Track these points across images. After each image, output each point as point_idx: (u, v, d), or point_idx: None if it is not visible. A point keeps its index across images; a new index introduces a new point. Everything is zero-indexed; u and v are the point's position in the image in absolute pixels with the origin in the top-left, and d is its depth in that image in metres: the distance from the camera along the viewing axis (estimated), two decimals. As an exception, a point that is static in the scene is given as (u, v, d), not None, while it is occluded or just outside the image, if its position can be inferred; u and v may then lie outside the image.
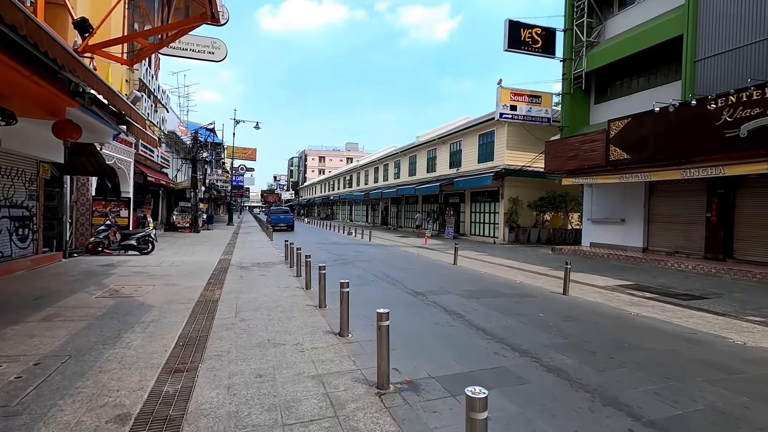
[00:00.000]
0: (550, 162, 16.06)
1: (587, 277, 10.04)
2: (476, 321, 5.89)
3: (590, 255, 14.67)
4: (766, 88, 9.07)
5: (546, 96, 19.62)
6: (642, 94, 14.03)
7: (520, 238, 20.24)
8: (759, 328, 5.98)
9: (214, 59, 16.19)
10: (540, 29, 16.83)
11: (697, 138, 10.52)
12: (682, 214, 13.13)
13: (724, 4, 10.90)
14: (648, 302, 7.57)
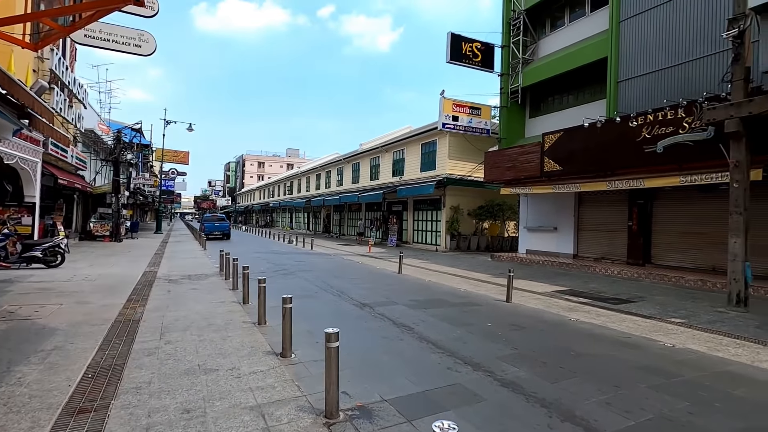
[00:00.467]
0: (490, 172, 16.61)
1: (526, 284, 10.35)
2: (426, 333, 5.71)
3: (527, 262, 15.29)
4: (678, 109, 9.98)
5: (485, 108, 20.39)
6: (572, 110, 14.99)
7: (461, 245, 20.72)
8: (682, 329, 6.41)
9: (141, 53, 14.82)
10: (480, 44, 17.47)
11: (621, 152, 11.34)
12: (608, 223, 14.13)
13: (642, 33, 11.95)
14: (584, 307, 7.90)
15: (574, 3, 15.51)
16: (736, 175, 7.90)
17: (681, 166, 10.19)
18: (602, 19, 13.54)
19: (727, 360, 4.94)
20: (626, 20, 12.37)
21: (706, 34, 10.27)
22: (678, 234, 12.20)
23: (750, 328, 6.43)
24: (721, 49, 9.63)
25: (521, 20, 16.32)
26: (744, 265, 7.72)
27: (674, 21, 11.12)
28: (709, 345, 5.57)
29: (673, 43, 11.10)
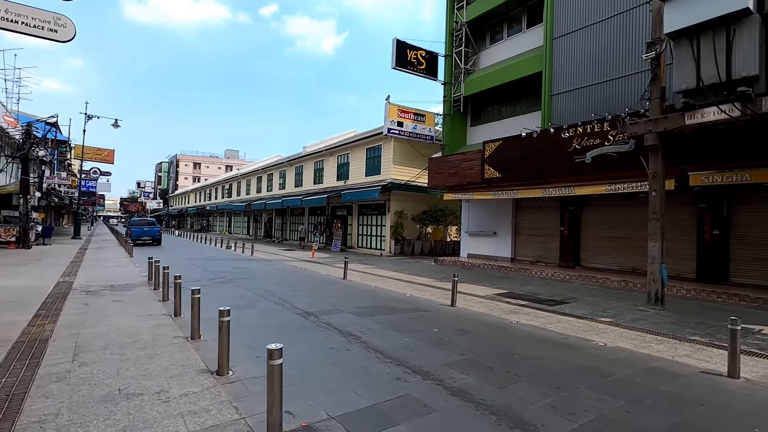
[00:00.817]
0: (433, 178, 16.93)
1: (469, 288, 10.60)
2: (373, 342, 5.56)
3: (468, 265, 15.73)
4: (604, 122, 10.78)
5: (429, 115, 20.81)
6: (511, 120, 15.72)
7: (405, 250, 20.90)
8: (611, 328, 6.84)
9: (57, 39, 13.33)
10: (425, 52, 17.81)
11: (555, 161, 12.03)
12: (542, 228, 14.93)
13: (573, 51, 12.80)
14: (523, 309, 8.20)
15: (511, 19, 16.32)
16: (654, 185, 8.64)
17: (606, 175, 10.99)
18: (537, 35, 14.36)
19: (653, 356, 5.32)
20: (558, 38, 13.20)
21: (629, 55, 11.21)
22: (603, 238, 13.17)
23: (667, 325, 7.02)
24: (642, 70, 10.55)
25: (463, 32, 16.88)
26: (661, 267, 8.45)
27: (601, 42, 12.04)
28: (635, 342, 5.97)
29: (601, 62, 12.01)
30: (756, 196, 9.91)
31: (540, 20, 14.24)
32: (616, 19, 11.61)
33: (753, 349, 5.61)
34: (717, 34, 7.34)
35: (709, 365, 5.00)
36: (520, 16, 15.88)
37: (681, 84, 7.87)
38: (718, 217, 10.41)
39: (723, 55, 7.28)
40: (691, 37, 7.66)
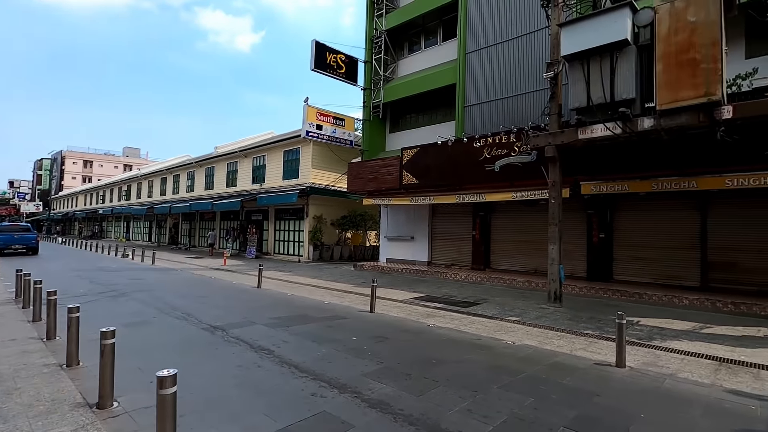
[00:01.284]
0: (353, 182, 16.86)
1: (388, 292, 10.64)
2: (288, 356, 5.22)
3: (387, 270, 15.88)
4: (510, 134, 11.60)
5: (349, 120, 20.75)
6: (428, 128, 16.25)
7: (324, 255, 20.51)
8: (518, 326, 7.28)
9: None
10: (344, 56, 17.73)
11: (468, 169, 12.65)
12: (456, 232, 15.62)
13: (484, 66, 13.64)
14: (440, 312, 8.40)
15: (428, 31, 16.95)
16: (553, 193, 9.45)
17: (513, 183, 11.82)
18: (452, 49, 15.06)
19: (555, 352, 5.72)
20: (471, 53, 13.99)
21: (533, 73, 12.22)
22: (510, 242, 14.14)
23: (565, 321, 7.66)
24: (544, 87, 11.55)
25: (382, 40, 17.13)
26: (559, 268, 9.25)
27: (509, 59, 12.98)
28: (539, 339, 6.40)
29: (509, 78, 12.94)
30: (632, 203, 11.36)
31: (454, 35, 14.96)
32: (522, 39, 12.61)
33: (633, 339, 6.32)
34: (603, 59, 8.27)
35: (601, 356, 5.50)
36: (436, 29, 16.55)
37: (574, 102, 8.72)
38: (603, 223, 11.74)
39: (608, 78, 8.21)
40: (583, 61, 8.53)
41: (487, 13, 13.60)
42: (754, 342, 6.32)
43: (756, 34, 9.14)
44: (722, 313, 8.46)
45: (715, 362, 5.39)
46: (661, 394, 4.27)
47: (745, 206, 9.58)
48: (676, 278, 10.60)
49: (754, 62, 8.91)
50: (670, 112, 7.48)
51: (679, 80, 7.33)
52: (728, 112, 7.01)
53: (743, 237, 9.69)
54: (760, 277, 9.44)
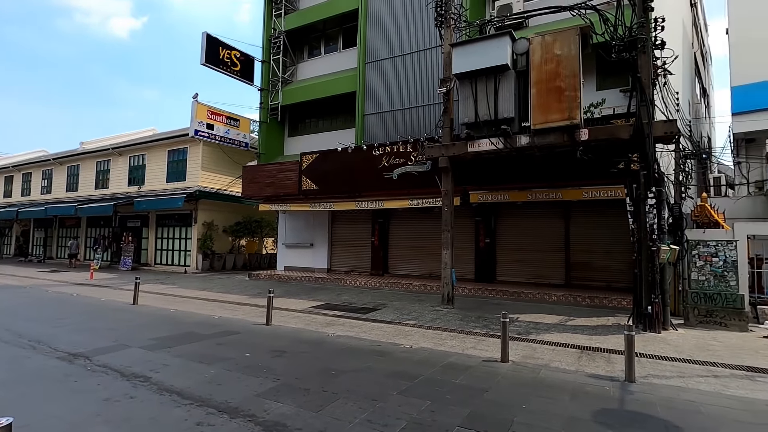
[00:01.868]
0: (248, 187, 15.96)
1: (286, 302, 10.22)
2: (169, 381, 4.63)
3: (285, 279, 15.30)
4: (408, 144, 12.09)
5: (245, 121, 19.63)
6: (329, 133, 16.11)
7: (215, 265, 19.00)
8: (415, 330, 7.54)
9: None
10: (240, 53, 16.76)
11: (367, 177, 12.84)
12: (356, 239, 15.72)
13: (383, 76, 14.03)
14: (339, 320, 8.31)
15: (329, 37, 16.90)
16: (446, 201, 10.07)
17: (410, 191, 12.31)
18: (352, 57, 15.20)
19: (449, 352, 6.02)
20: (371, 63, 14.29)
21: (428, 87, 12.88)
22: (407, 247, 14.70)
23: (457, 321, 8.16)
24: (438, 102, 12.27)
25: (281, 40, 16.60)
26: (451, 272, 9.86)
27: (407, 72, 13.54)
28: (434, 341, 6.69)
29: (406, 90, 13.49)
30: (512, 211, 12.65)
31: (355, 43, 15.14)
32: (419, 54, 13.26)
33: (514, 334, 6.97)
34: (488, 80, 9.09)
35: (489, 353, 5.95)
36: (337, 36, 16.58)
37: (464, 117, 9.43)
38: (489, 229, 12.87)
39: (492, 98, 9.04)
40: (471, 80, 9.28)
41: (386, 27, 14.05)
42: (606, 330, 7.44)
43: (604, 71, 10.91)
44: (582, 306, 9.84)
45: (578, 350, 6.20)
46: (539, 383, 4.75)
47: (597, 214, 11.32)
48: (546, 277, 12.06)
49: (603, 94, 10.63)
50: (541, 131, 8.51)
51: (548, 104, 8.38)
52: (585, 135, 8.21)
53: (595, 240, 11.43)
54: (608, 274, 11.22)
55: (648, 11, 7.85)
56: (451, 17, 10.13)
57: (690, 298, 8.09)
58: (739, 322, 7.61)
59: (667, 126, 7.81)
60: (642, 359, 5.63)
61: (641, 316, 7.44)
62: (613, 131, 8.19)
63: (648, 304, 7.34)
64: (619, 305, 9.47)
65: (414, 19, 13.35)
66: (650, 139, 7.52)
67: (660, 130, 7.72)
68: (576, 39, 8.21)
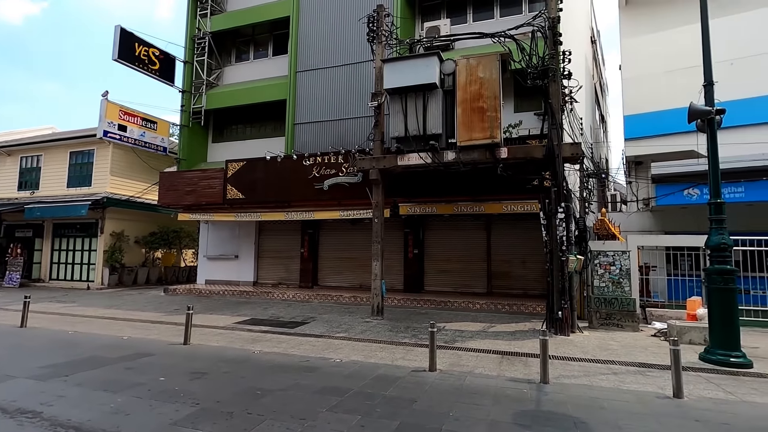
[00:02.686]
0: (165, 195, 14.82)
1: (207, 319, 9.57)
2: (65, 415, 4.08)
3: (206, 293, 14.35)
4: (339, 155, 12.08)
5: (163, 123, 18.26)
6: (257, 141, 15.54)
7: (124, 280, 17.26)
8: (345, 343, 7.47)
9: None
10: (159, 51, 15.63)
11: (297, 186, 12.59)
12: (284, 250, 15.27)
13: (314, 86, 13.91)
14: (266, 336, 7.97)
15: (258, 43, 16.43)
16: (376, 213, 10.19)
17: (341, 202, 12.28)
18: (283, 65, 14.88)
19: (378, 364, 6.04)
20: (302, 72, 14.12)
21: (360, 99, 12.98)
22: (337, 259, 14.59)
23: (386, 332, 8.23)
24: (369, 114, 12.43)
25: (207, 41, 15.79)
26: (381, 283, 9.96)
27: (339, 83, 13.55)
28: (365, 353, 6.68)
29: (338, 101, 13.49)
30: (439, 223, 13.16)
31: (286, 51, 14.87)
32: (351, 67, 13.36)
33: (441, 343, 7.19)
34: (417, 97, 9.43)
35: (417, 363, 6.07)
36: (266, 42, 16.17)
37: (395, 131, 9.67)
38: (417, 240, 13.23)
39: (421, 114, 9.39)
40: (402, 96, 9.56)
41: (319, 37, 14.00)
42: (523, 335, 7.98)
43: (521, 95, 11.88)
44: (502, 313, 10.46)
45: (499, 356, 6.57)
46: (464, 390, 4.94)
47: (515, 227, 12.19)
48: (470, 286, 12.67)
49: (520, 116, 11.55)
50: (466, 148, 9.00)
51: (472, 122, 8.91)
52: (505, 153, 8.83)
53: (514, 251, 12.28)
54: (524, 282, 12.09)
55: (557, 44, 8.72)
56: (382, 34, 10.40)
57: (593, 303, 8.99)
58: (632, 323, 8.61)
59: (574, 148, 8.69)
60: (554, 361, 6.11)
61: (553, 320, 8.10)
62: (528, 151, 8.92)
63: (559, 310, 8.02)
64: (534, 311, 10.23)
65: (346, 32, 13.47)
66: (560, 159, 8.30)
67: (568, 152, 8.56)
68: (497, 64, 8.86)
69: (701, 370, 5.84)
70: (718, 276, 6.20)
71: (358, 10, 12.68)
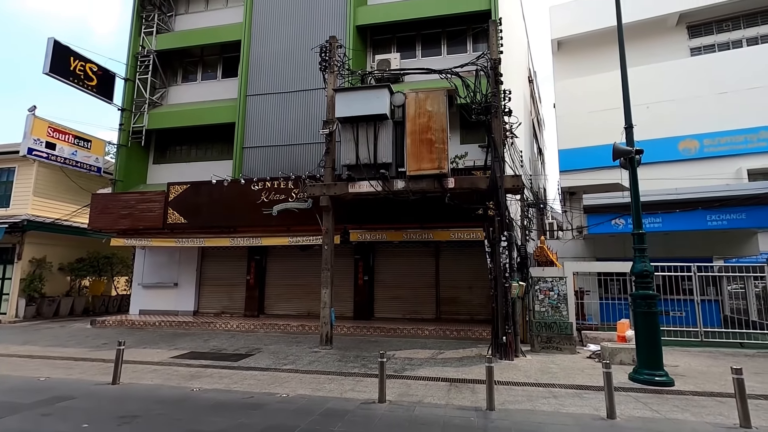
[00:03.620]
0: (98, 218, 13.77)
1: (140, 353, 8.85)
2: (-36, 475, 3.56)
3: (140, 325, 13.31)
4: (289, 181, 11.96)
5: (98, 142, 17.12)
6: (202, 164, 14.95)
7: (44, 311, 15.58)
8: (292, 375, 7.20)
9: None
10: (97, 67, 14.82)
11: (244, 212, 12.23)
12: (229, 277, 14.61)
13: (265, 110, 13.79)
14: (206, 371, 7.50)
15: (207, 64, 16.11)
16: (326, 239, 10.11)
17: (290, 228, 12.08)
18: (233, 88, 14.65)
19: (327, 397, 5.87)
20: (252, 96, 13.97)
21: (312, 126, 13.00)
22: (285, 286, 14.18)
23: (335, 363, 8.06)
24: (321, 141, 12.46)
25: (151, 60, 15.23)
26: (330, 311, 9.79)
27: (290, 109, 13.53)
28: (313, 386, 6.47)
29: (289, 126, 13.43)
30: (389, 250, 13.28)
31: (236, 74, 14.69)
32: (304, 93, 13.41)
33: (391, 372, 7.15)
34: (369, 126, 9.64)
35: (366, 395, 5.97)
36: (216, 64, 15.90)
37: (346, 159, 9.77)
38: (367, 267, 13.23)
39: (372, 143, 9.58)
40: (353, 125, 9.73)
41: (270, 62, 14.00)
42: (470, 361, 8.14)
43: (467, 127, 12.51)
44: (450, 339, 10.62)
45: (447, 383, 6.64)
46: (414, 421, 4.93)
47: (461, 254, 12.59)
48: (420, 313, 12.80)
49: (466, 147, 12.13)
50: (415, 177, 9.27)
51: (421, 153, 9.22)
52: (452, 183, 9.20)
53: (461, 277, 12.63)
54: (471, 308, 12.42)
55: (499, 84, 9.37)
56: (335, 64, 10.61)
57: (534, 327, 9.40)
58: (570, 346, 9.08)
59: (515, 180, 9.25)
60: (500, 386, 6.28)
61: (498, 346, 8.35)
62: (474, 181, 9.36)
63: (503, 335, 8.30)
64: (480, 336, 10.49)
65: (299, 59, 13.58)
66: (502, 190, 8.78)
67: (510, 183, 9.09)
68: (444, 99, 9.32)
69: (631, 390, 6.26)
70: (642, 300, 6.77)
71: (311, 38, 12.89)
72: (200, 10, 16.12)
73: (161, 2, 15.76)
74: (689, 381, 6.73)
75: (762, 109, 15.16)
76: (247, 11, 14.43)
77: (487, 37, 9.79)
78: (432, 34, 13.79)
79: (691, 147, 15.91)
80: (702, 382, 6.66)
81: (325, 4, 13.79)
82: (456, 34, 13.44)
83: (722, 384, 6.43)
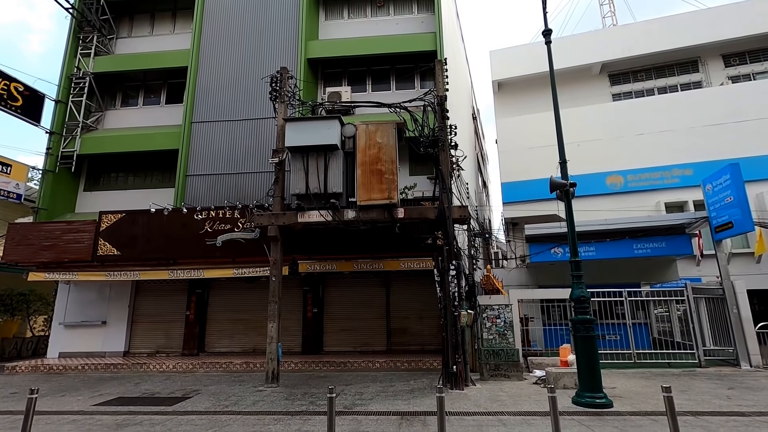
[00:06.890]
0: (14, 250, 12.42)
1: (58, 402, 7.86)
2: None
3: (59, 369, 11.88)
4: (235, 210, 11.57)
5: (20, 167, 15.61)
6: (140, 191, 14.10)
7: (-61, 358, 13.51)
8: (234, 418, 6.70)
9: None
10: (24, 87, 13.76)
11: (186, 243, 11.59)
12: (166, 313, 13.58)
13: (211, 138, 13.42)
14: (135, 418, 6.79)
15: (150, 89, 15.51)
16: (274, 271, 9.77)
17: (235, 259, 11.57)
18: (177, 114, 14.15)
19: (271, 440, 5.50)
20: (198, 123, 13.57)
21: (260, 155, 12.79)
22: (228, 321, 13.40)
23: (282, 401, 7.62)
24: (270, 170, 12.25)
25: (88, 82, 14.43)
26: (277, 346, 9.34)
27: (238, 137, 13.26)
28: (256, 428, 6.05)
29: (236, 155, 13.11)
30: (339, 281, 13.07)
31: (181, 100, 14.26)
32: (252, 122, 13.25)
33: (341, 408, 6.88)
34: (319, 156, 9.64)
35: (314, 435, 5.67)
36: (159, 89, 15.36)
37: (295, 189, 9.64)
38: (317, 298, 12.89)
39: (322, 173, 9.56)
40: (304, 154, 9.68)
41: (218, 90, 13.77)
42: (421, 393, 8.04)
43: (416, 159, 12.88)
44: (401, 371, 10.47)
45: (398, 416, 6.48)
46: (363, 460, 4.71)
47: (412, 284, 12.66)
48: (370, 344, 12.56)
49: (415, 179, 12.46)
50: (366, 207, 9.32)
51: (371, 184, 9.32)
52: (401, 213, 9.34)
53: (411, 307, 12.65)
54: (421, 338, 12.40)
55: (446, 119, 9.82)
56: (285, 94, 10.64)
57: (483, 355, 9.53)
58: (517, 372, 9.27)
59: (462, 210, 9.56)
60: (451, 417, 6.23)
61: (449, 375, 8.34)
62: (422, 212, 9.56)
63: (453, 364, 8.32)
64: (431, 367, 10.44)
65: (248, 87, 13.49)
66: (450, 220, 9.03)
67: (457, 214, 9.38)
68: (393, 131, 9.58)
69: (574, 413, 6.45)
70: (581, 325, 7.12)
71: (262, 68, 12.91)
72: (144, 35, 15.68)
73: (101, 24, 15.15)
74: (626, 402, 7.06)
75: (674, 149, 17.07)
76: (196, 38, 14.23)
77: (434, 75, 10.31)
78: (382, 70, 14.31)
79: (617, 182, 17.46)
80: (637, 403, 7.02)
81: (277, 36, 13.95)
82: (404, 71, 14.05)
83: (655, 403, 6.81)
